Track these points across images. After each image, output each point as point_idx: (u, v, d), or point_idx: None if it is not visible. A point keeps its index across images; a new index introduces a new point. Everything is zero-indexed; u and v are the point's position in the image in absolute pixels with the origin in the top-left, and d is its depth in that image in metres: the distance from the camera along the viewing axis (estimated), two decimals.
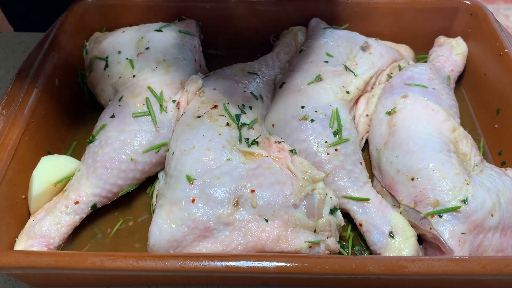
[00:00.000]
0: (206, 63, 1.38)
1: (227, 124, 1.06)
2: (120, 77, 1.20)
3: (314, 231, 0.96)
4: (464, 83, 1.38)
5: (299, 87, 1.19)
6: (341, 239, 1.03)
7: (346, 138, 1.09)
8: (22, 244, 0.96)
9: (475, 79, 1.33)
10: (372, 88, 1.29)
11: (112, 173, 1.04)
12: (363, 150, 1.20)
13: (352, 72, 1.24)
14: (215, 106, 1.10)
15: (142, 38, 1.27)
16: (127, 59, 1.22)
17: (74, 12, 1.34)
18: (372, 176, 1.14)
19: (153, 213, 0.99)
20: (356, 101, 1.26)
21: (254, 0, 1.40)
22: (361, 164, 1.09)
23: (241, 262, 0.83)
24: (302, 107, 1.14)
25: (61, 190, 1.07)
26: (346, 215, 1.05)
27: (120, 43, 1.27)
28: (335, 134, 1.09)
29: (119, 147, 1.05)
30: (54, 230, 0.98)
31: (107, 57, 1.25)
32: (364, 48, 1.31)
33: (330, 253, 0.96)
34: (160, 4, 1.39)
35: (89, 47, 1.34)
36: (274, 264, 0.82)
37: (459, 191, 0.96)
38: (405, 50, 1.41)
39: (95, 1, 1.37)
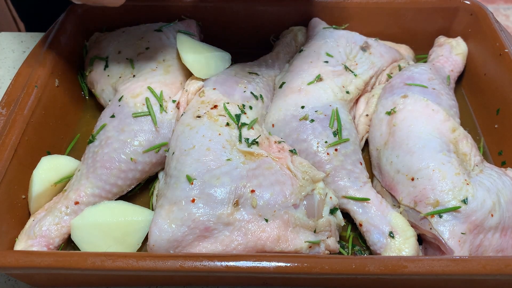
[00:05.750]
0: None
1: (227, 124, 1.06)
2: (120, 77, 1.20)
3: (314, 231, 0.96)
4: (464, 83, 1.38)
5: (299, 87, 1.19)
6: (341, 239, 1.03)
7: (346, 138, 1.09)
8: (22, 244, 0.96)
9: (475, 79, 1.33)
10: (372, 88, 1.29)
11: (112, 173, 1.04)
12: (363, 150, 1.20)
13: (352, 72, 1.24)
14: (215, 106, 1.10)
15: (142, 38, 1.27)
16: (127, 59, 1.22)
17: (74, 12, 1.34)
18: (372, 176, 1.14)
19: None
20: (356, 101, 1.26)
21: (254, 0, 1.40)
22: (361, 164, 1.09)
23: (241, 262, 0.83)
24: (302, 107, 1.14)
25: (61, 190, 1.07)
26: (346, 215, 1.05)
27: (120, 43, 1.27)
28: (335, 134, 1.09)
29: (119, 147, 1.05)
30: (54, 230, 0.98)
31: (107, 57, 1.25)
32: (364, 48, 1.31)
33: (330, 253, 0.96)
34: (160, 4, 1.39)
35: (89, 47, 1.34)
36: (274, 264, 0.82)
37: (459, 191, 0.96)
38: (405, 50, 1.41)
39: None
